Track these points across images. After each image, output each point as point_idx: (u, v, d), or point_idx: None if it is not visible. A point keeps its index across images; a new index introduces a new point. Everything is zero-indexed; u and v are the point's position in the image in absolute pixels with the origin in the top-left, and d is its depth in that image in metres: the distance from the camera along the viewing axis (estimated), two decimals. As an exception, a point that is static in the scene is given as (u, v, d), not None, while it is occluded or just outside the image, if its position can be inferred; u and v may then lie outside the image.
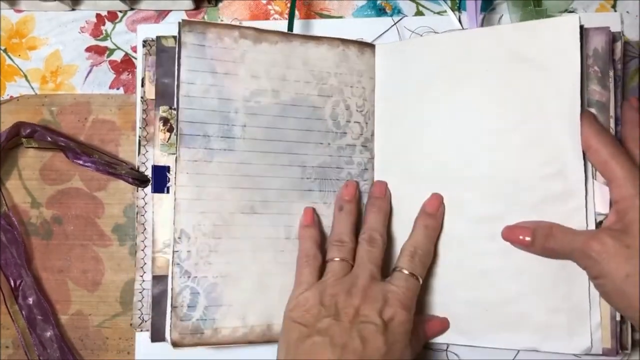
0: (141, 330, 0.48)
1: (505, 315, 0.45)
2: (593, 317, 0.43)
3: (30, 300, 0.50)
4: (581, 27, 0.43)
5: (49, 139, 0.49)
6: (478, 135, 0.46)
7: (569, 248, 0.42)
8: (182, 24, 0.45)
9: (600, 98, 0.45)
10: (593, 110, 0.44)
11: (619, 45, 0.46)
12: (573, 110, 0.43)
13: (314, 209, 0.48)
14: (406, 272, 0.45)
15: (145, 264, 0.48)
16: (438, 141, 0.47)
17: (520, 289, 0.45)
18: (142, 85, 0.49)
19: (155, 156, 0.48)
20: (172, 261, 0.45)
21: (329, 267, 0.46)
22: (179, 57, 0.45)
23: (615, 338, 0.43)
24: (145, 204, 0.49)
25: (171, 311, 0.44)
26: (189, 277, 0.45)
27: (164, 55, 0.48)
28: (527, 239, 0.43)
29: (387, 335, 0.41)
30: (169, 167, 0.47)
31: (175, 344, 0.44)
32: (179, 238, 0.45)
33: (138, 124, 0.50)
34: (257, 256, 0.47)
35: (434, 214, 0.47)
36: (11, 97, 0.53)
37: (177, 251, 0.45)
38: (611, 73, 0.45)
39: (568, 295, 0.43)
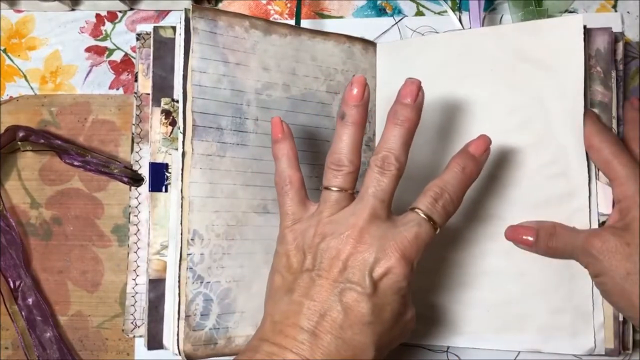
0: (134, 336, 0.48)
1: (507, 316, 0.45)
2: (596, 318, 0.43)
3: (30, 301, 0.50)
4: (584, 27, 0.44)
5: (42, 141, 0.49)
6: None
7: (571, 246, 0.42)
8: (192, 10, 0.43)
9: (602, 98, 0.45)
10: (596, 110, 0.45)
11: (620, 46, 0.46)
12: (576, 110, 0.43)
13: (281, 119, 0.41)
14: (422, 214, 0.37)
15: (138, 266, 0.47)
16: (441, 141, 0.47)
17: (522, 290, 0.44)
18: (136, 80, 0.48)
19: (151, 153, 0.46)
20: (183, 265, 0.41)
21: (322, 197, 0.38)
22: (188, 44, 0.43)
23: (618, 338, 0.43)
24: (139, 203, 0.48)
25: (179, 320, 0.41)
26: (201, 282, 0.42)
27: (163, 47, 0.47)
28: (531, 238, 0.43)
29: (375, 300, 0.35)
30: (167, 164, 0.46)
31: (188, 357, 0.41)
32: (192, 240, 0.42)
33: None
34: (269, 259, 0.43)
35: (476, 157, 0.39)
36: (11, 97, 0.53)
37: (190, 254, 0.42)
38: (613, 73, 0.45)
39: (571, 295, 0.43)
